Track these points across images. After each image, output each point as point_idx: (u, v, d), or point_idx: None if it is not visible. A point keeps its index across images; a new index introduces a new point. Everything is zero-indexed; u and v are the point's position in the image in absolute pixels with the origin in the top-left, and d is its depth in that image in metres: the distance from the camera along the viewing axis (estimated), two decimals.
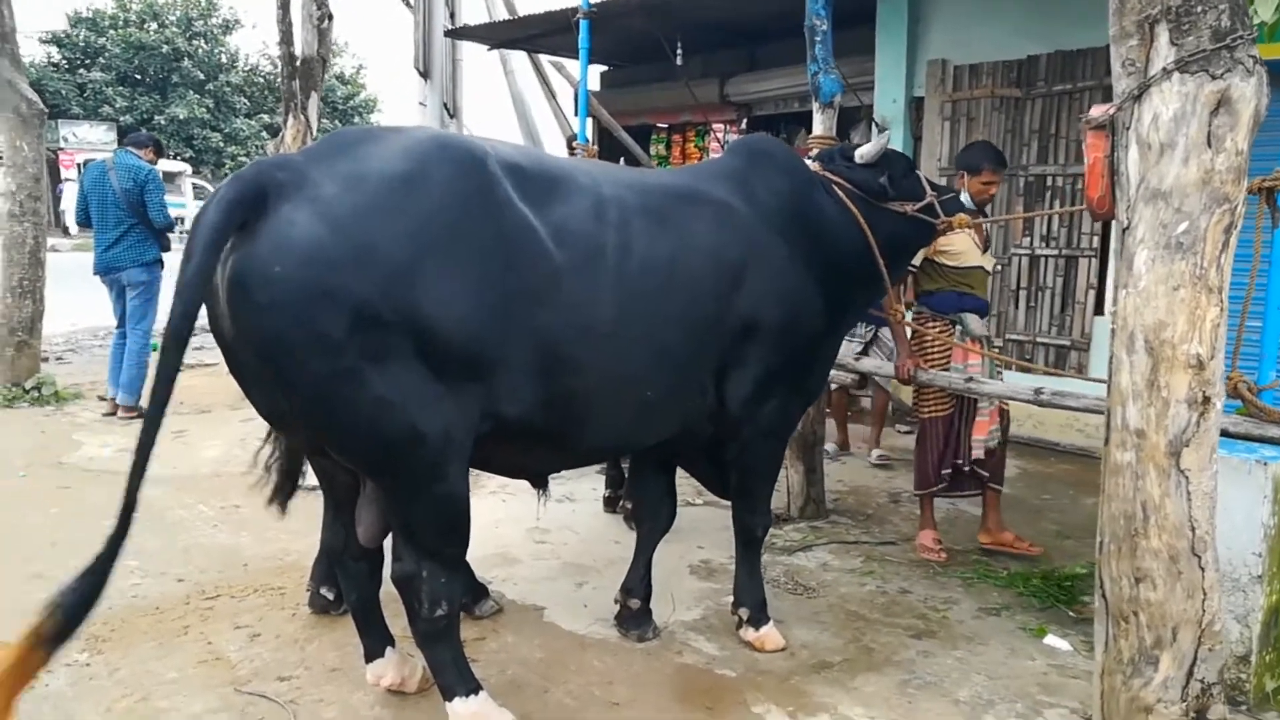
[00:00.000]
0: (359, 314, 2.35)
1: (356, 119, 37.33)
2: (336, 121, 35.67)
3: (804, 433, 4.96)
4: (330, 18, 7.90)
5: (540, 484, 3.41)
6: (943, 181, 7.34)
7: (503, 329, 2.57)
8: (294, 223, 2.34)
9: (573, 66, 9.96)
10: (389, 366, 2.41)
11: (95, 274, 6.85)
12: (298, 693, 3.08)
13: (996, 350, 5.37)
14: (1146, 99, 2.54)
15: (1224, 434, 3.53)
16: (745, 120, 10.13)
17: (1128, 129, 2.60)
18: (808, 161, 3.85)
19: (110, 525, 2.29)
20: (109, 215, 6.68)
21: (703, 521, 4.86)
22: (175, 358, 2.31)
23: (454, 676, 2.77)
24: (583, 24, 6.14)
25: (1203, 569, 2.57)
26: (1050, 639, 3.63)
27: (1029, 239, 7.07)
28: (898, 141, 7.80)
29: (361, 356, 2.38)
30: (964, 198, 4.40)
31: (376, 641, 3.06)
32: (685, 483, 4.06)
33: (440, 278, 2.45)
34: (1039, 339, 7.03)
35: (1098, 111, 2.70)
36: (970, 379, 4.24)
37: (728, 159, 3.63)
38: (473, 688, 2.79)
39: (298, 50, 7.75)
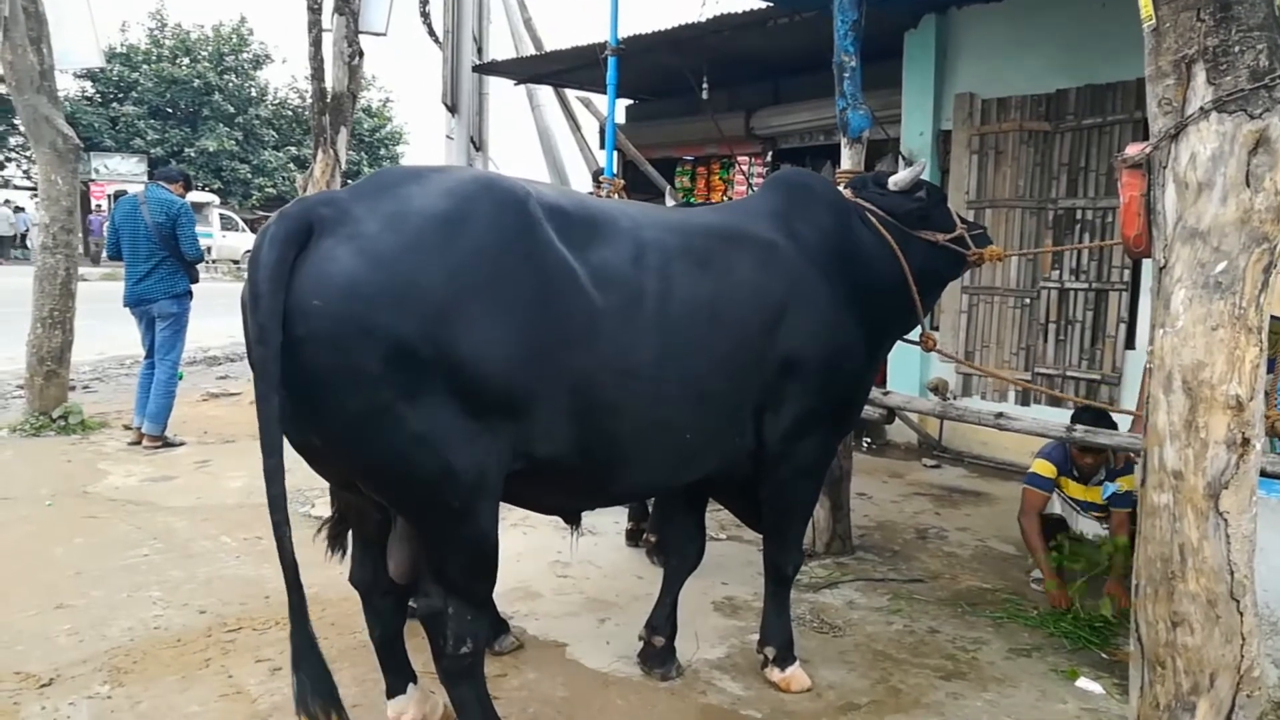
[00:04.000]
0: (396, 350, 2.33)
1: (383, 150, 37.76)
2: (363, 154, 36.11)
3: (831, 468, 4.90)
4: (361, 54, 8.01)
5: (573, 520, 3.39)
6: (971, 215, 7.39)
7: (539, 370, 2.55)
8: (335, 258, 2.34)
9: (599, 101, 10.06)
10: (424, 403, 2.39)
11: (125, 305, 6.91)
12: None
13: None
14: (1184, 138, 2.52)
15: (1261, 474, 3.47)
16: (770, 153, 10.16)
17: (1164, 168, 2.57)
18: (841, 190, 3.85)
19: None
20: (140, 248, 6.75)
21: (727, 557, 4.82)
22: (277, 404, 2.30)
23: (477, 715, 2.74)
24: (610, 60, 6.19)
25: (1241, 613, 2.51)
26: (1082, 682, 3.55)
27: (1058, 272, 7.01)
28: (925, 174, 7.78)
29: (397, 392, 2.36)
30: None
31: (399, 678, 3.03)
32: (709, 517, 4.01)
33: (478, 317, 2.43)
34: (1069, 373, 6.95)
35: (1133, 150, 2.68)
36: (1001, 415, 4.18)
37: (767, 195, 3.58)
38: None
39: (328, 86, 7.85)
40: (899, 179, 3.73)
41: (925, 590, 4.52)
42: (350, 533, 3.04)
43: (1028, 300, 7.20)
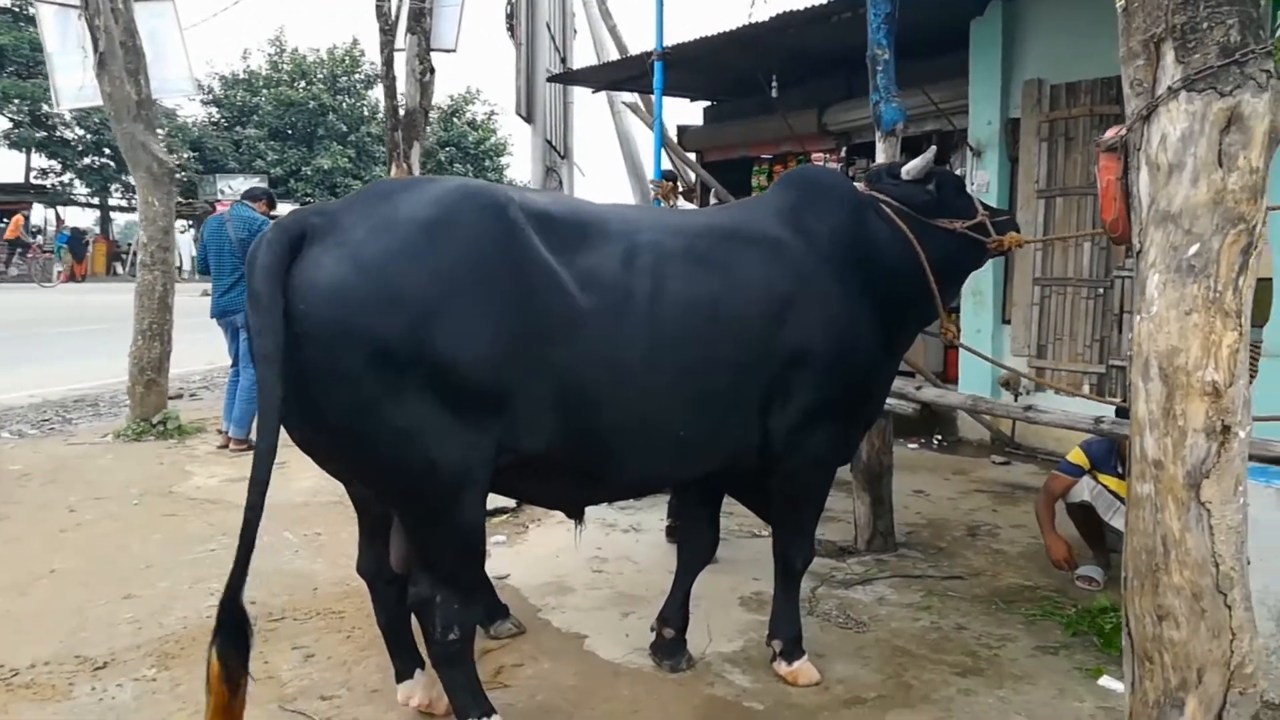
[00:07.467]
0: (378, 350, 2.49)
1: (488, 162, 38.73)
2: (469, 166, 37.12)
3: (869, 463, 4.88)
4: (432, 71, 8.33)
5: (576, 515, 3.48)
6: (1041, 203, 7.19)
7: (519, 367, 2.66)
8: (321, 264, 2.52)
9: (675, 104, 10.14)
10: (406, 400, 2.54)
11: (212, 317, 7.37)
12: (336, 711, 3.24)
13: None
14: (1155, 119, 2.46)
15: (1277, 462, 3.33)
16: (844, 149, 10.05)
17: (1138, 150, 2.52)
18: (855, 183, 3.84)
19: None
20: (225, 263, 7.19)
21: (763, 554, 4.79)
22: (278, 391, 2.44)
23: (467, 699, 2.87)
24: (656, 65, 6.28)
25: (1229, 607, 2.42)
26: (1105, 680, 3.46)
27: (1132, 260, 6.73)
28: (993, 164, 7.62)
29: (381, 390, 2.52)
30: None
31: (406, 663, 3.20)
32: (751, 515, 4.02)
33: (456, 318, 2.56)
34: None
35: (1110, 134, 2.63)
36: (1029, 407, 4.09)
37: (777, 192, 3.64)
38: (485, 710, 2.89)
39: (401, 102, 8.18)
40: (911, 167, 3.69)
41: (962, 587, 4.45)
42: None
43: (1101, 290, 6.96)
